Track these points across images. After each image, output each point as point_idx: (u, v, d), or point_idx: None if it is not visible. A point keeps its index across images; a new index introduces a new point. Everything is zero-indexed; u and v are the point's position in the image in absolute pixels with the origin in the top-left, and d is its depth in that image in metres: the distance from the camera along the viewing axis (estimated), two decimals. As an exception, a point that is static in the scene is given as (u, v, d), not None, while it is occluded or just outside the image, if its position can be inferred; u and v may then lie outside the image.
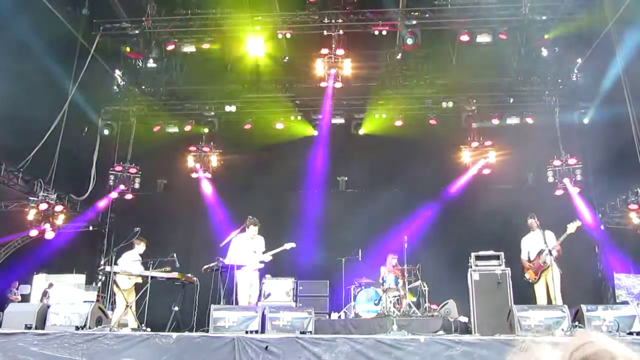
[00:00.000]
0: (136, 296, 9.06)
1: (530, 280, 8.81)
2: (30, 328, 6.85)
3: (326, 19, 12.24)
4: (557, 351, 0.90)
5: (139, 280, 9.15)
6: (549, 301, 8.53)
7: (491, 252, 9.00)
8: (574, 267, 9.28)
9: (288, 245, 9.26)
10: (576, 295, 9.38)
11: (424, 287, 10.59)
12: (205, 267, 8.93)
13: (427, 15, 12.13)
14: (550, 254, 8.37)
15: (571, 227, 8.44)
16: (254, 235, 8.97)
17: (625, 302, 11.17)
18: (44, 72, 11.26)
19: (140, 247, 9.51)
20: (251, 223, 8.95)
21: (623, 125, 10.83)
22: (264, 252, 9.04)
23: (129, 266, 9.13)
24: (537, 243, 8.82)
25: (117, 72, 14.12)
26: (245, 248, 8.88)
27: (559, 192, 13.26)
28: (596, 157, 13.44)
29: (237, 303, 8.50)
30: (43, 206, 11.65)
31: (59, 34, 11.42)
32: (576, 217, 9.04)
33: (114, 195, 14.06)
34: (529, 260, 8.89)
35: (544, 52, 12.66)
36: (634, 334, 6.23)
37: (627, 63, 10.75)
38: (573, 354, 0.85)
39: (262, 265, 9.03)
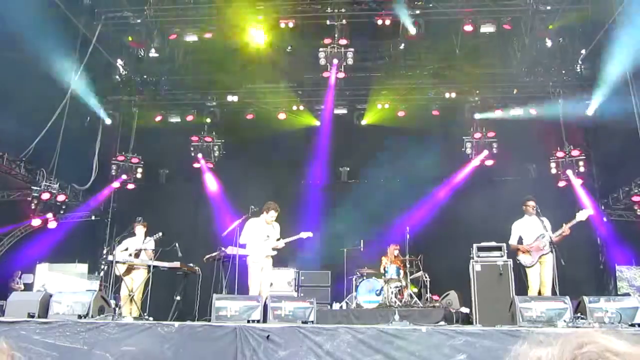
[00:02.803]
0: (142, 285, 9.07)
1: (527, 264, 8.57)
2: (33, 317, 6.87)
3: (329, 8, 12.15)
4: (555, 352, 0.87)
5: (137, 266, 9.19)
6: (540, 288, 8.46)
7: (493, 244, 9.00)
8: (576, 258, 9.26)
9: (304, 235, 9.07)
10: (578, 287, 9.38)
11: (426, 277, 10.61)
12: (207, 256, 8.95)
13: (430, 5, 12.05)
14: (552, 244, 8.28)
15: (581, 215, 8.28)
16: (271, 220, 8.84)
17: (626, 294, 11.18)
18: (45, 61, 11.22)
19: (139, 231, 9.52)
20: (272, 208, 8.76)
21: (627, 117, 10.77)
22: (278, 239, 8.94)
23: (121, 255, 9.12)
24: (533, 228, 8.64)
25: (119, 62, 14.03)
26: (259, 233, 8.79)
27: (561, 184, 13.23)
28: (599, 148, 13.41)
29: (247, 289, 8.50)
30: (45, 196, 11.66)
31: (61, 23, 11.36)
32: (579, 209, 8.93)
33: (116, 185, 14.07)
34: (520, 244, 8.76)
35: (548, 43, 12.54)
36: (636, 325, 6.22)
37: (632, 54, 10.68)
38: (575, 354, 0.82)
39: (274, 253, 8.94)
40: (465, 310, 9.41)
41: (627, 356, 0.79)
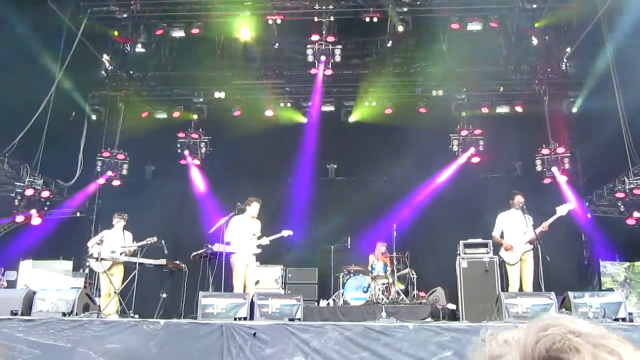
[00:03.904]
0: (121, 280, 9.03)
1: (509, 262, 8.59)
2: (16, 314, 6.79)
3: (317, 4, 12.10)
4: (521, 333, 0.89)
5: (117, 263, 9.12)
6: (521, 286, 8.52)
7: (479, 240, 9.07)
8: (561, 254, 9.34)
9: (285, 233, 9.15)
10: (563, 282, 9.47)
11: (413, 274, 10.65)
12: (194, 253, 8.89)
13: (418, 3, 12.06)
14: (536, 240, 8.34)
15: (562, 210, 8.27)
16: (256, 213, 8.85)
17: (610, 289, 11.32)
18: (29, 55, 11.06)
19: (117, 224, 9.42)
20: (254, 200, 8.82)
21: (611, 114, 10.89)
22: (259, 237, 8.94)
23: (96, 248, 9.00)
24: (517, 223, 8.66)
25: (105, 57, 13.88)
26: (244, 231, 8.78)
27: (547, 181, 13.34)
28: (584, 145, 13.54)
29: (232, 287, 8.47)
30: (29, 192, 11.49)
31: (45, 16, 11.20)
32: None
33: (101, 181, 13.89)
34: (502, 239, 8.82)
35: (534, 41, 12.63)
36: (620, 320, 6.31)
37: (616, 52, 10.79)
38: (539, 336, 0.84)
39: (259, 250, 8.95)
40: (451, 306, 9.46)
41: (588, 337, 0.82)
